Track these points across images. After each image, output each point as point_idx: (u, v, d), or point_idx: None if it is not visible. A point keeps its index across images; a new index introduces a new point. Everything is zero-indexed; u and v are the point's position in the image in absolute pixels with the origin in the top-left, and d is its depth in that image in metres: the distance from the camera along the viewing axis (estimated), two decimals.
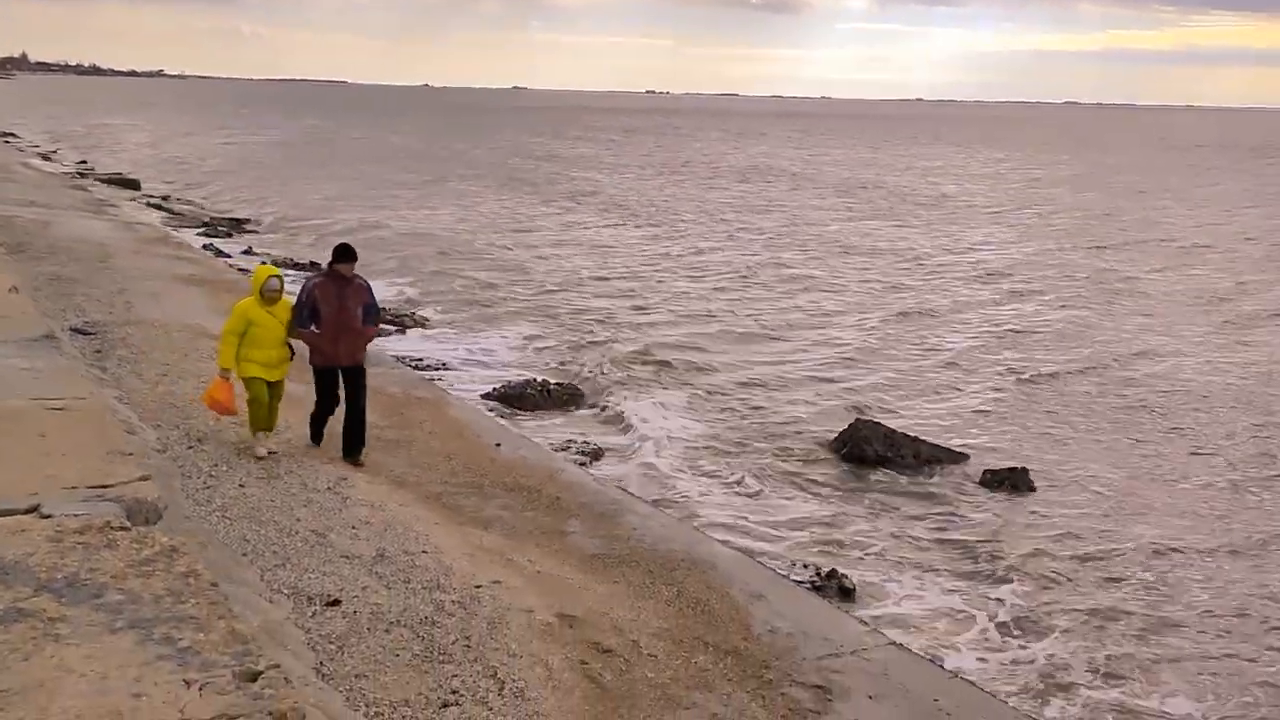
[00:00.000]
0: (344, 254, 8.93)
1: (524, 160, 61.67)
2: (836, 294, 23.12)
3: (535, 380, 14.61)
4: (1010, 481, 11.62)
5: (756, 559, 9.09)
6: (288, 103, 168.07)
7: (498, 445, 10.59)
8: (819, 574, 9.14)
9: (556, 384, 14.53)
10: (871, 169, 63.26)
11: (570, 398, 14.15)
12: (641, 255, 27.84)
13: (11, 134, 60.72)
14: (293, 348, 8.99)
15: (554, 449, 11.61)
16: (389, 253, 25.74)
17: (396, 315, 18.36)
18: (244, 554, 6.94)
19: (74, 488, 4.27)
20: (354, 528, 7.72)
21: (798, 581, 8.78)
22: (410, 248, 26.98)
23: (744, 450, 12.58)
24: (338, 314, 8.83)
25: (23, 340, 6.66)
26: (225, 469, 8.55)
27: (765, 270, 25.81)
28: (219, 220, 30.16)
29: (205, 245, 24.43)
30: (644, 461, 11.99)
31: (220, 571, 4.69)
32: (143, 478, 4.47)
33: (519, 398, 13.85)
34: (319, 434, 9.39)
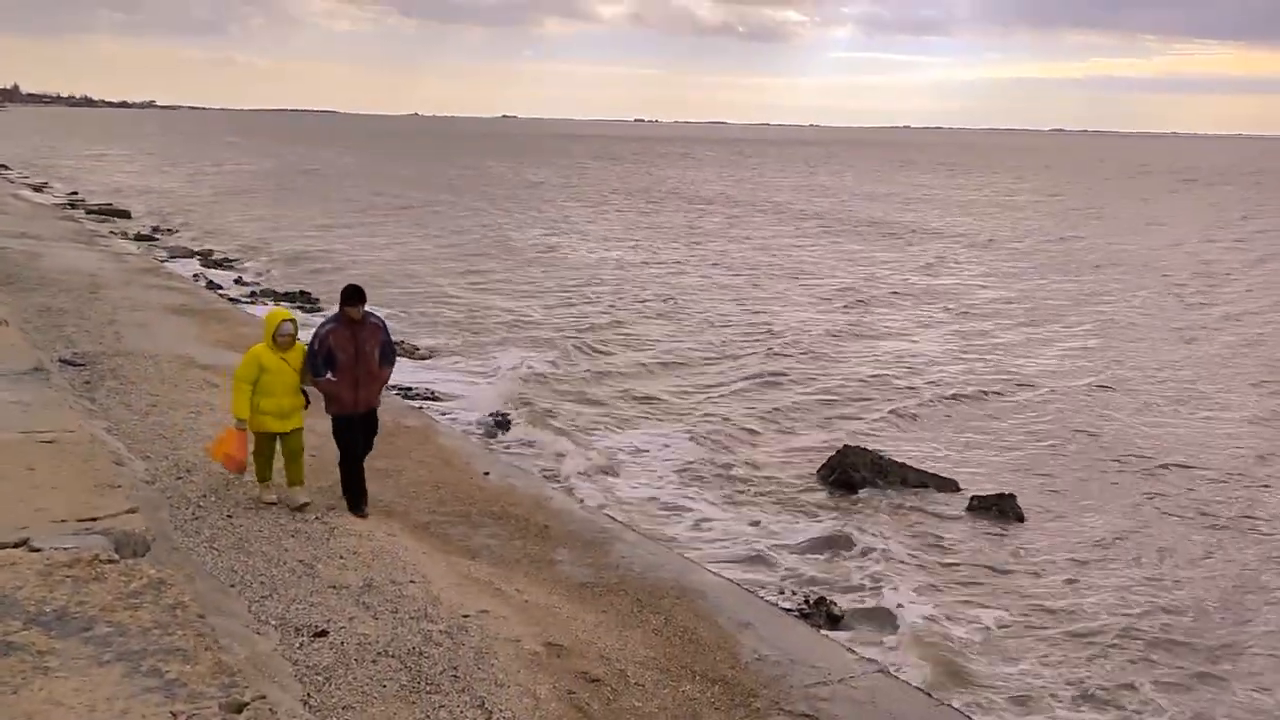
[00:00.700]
0: (352, 296, 8.36)
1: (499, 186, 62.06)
2: (815, 320, 23.28)
3: (522, 407, 14.68)
4: (998, 508, 11.67)
5: (744, 587, 9.10)
6: (279, 132, 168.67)
7: (486, 474, 10.61)
8: (807, 601, 9.16)
9: (543, 409, 14.55)
10: (872, 200, 63.67)
11: (558, 426, 14.20)
12: (630, 277, 27.98)
13: (3, 165, 60.73)
14: (308, 395, 8.59)
15: (543, 476, 11.64)
16: (387, 285, 25.77)
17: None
18: (231, 585, 6.96)
19: (63, 521, 4.31)
20: (341, 558, 7.74)
21: (786, 609, 8.80)
22: (399, 280, 27.02)
23: (731, 477, 12.62)
24: (355, 360, 8.36)
25: (12, 373, 6.70)
26: (213, 499, 8.57)
27: (747, 290, 25.96)
28: (209, 250, 30.21)
29: (195, 275, 24.49)
30: (631, 488, 12.03)
31: (207, 603, 4.72)
32: (130, 510, 4.51)
33: (507, 424, 13.98)
34: (357, 496, 8.72)
